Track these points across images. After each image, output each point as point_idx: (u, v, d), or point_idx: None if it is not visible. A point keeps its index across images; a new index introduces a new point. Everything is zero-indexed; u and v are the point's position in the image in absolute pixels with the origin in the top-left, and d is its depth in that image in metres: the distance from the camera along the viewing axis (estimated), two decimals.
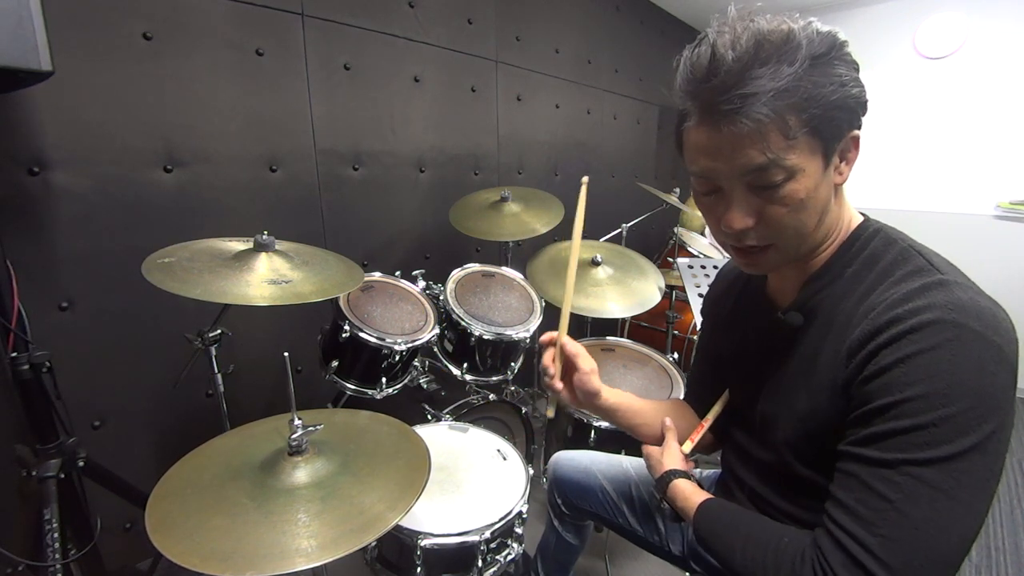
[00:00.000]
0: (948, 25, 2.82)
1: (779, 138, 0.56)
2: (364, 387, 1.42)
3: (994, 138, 2.78)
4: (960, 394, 0.50)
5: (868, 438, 0.55)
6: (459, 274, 1.71)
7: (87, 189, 1.28)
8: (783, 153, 0.57)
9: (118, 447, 1.42)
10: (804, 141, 0.57)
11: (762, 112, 0.54)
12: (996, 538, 1.79)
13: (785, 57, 0.55)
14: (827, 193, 0.62)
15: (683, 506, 0.77)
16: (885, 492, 0.53)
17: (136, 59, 1.30)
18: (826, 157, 0.59)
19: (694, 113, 0.60)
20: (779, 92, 0.54)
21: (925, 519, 0.51)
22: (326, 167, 1.75)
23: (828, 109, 0.56)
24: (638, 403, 0.93)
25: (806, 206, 0.60)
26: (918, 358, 0.52)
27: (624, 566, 1.64)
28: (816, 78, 0.55)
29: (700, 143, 0.61)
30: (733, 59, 0.55)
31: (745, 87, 0.55)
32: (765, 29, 0.56)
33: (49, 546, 0.99)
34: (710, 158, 0.61)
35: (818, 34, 0.56)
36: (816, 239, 0.66)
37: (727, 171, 0.60)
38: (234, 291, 1.00)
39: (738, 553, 0.65)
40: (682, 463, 0.84)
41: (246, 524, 0.73)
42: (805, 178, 0.58)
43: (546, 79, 2.52)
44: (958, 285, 0.55)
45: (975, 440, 0.50)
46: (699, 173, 0.64)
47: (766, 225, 0.62)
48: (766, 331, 0.75)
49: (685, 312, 2.50)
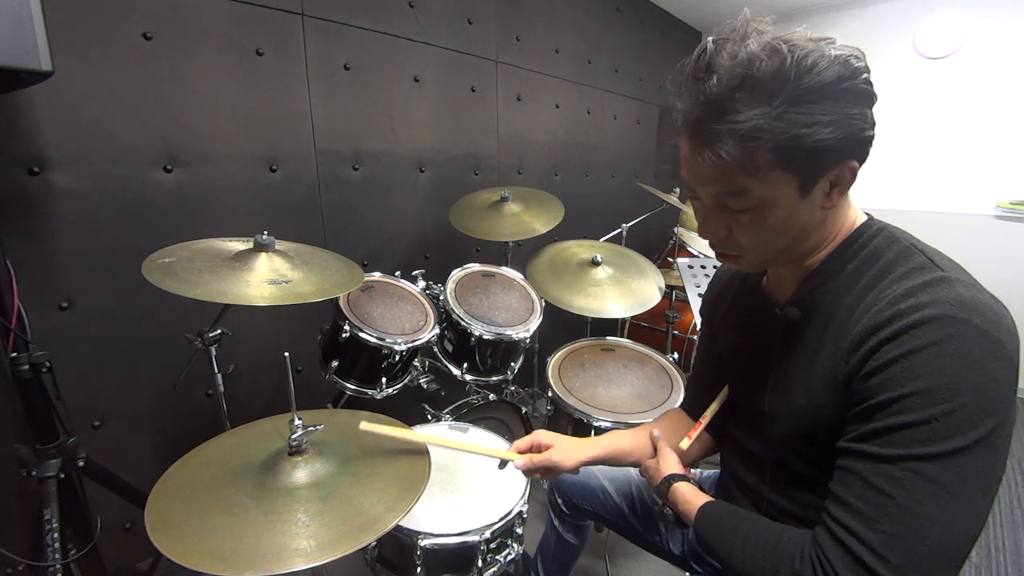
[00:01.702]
0: (948, 25, 2.82)
1: (747, 172, 0.57)
2: (364, 387, 1.42)
3: (994, 138, 2.78)
4: (962, 389, 0.50)
5: (869, 434, 0.55)
6: (459, 274, 1.71)
7: (87, 189, 1.28)
8: (750, 185, 0.58)
9: (118, 447, 1.42)
10: (776, 175, 0.57)
11: (730, 150, 0.56)
12: (996, 538, 1.78)
13: (766, 93, 0.54)
14: (805, 218, 0.62)
15: (684, 509, 0.77)
16: (886, 488, 0.52)
17: (136, 59, 1.30)
18: (805, 188, 0.59)
19: (682, 127, 0.62)
20: (751, 131, 0.54)
21: (926, 515, 0.51)
22: (326, 167, 1.75)
23: (807, 148, 0.55)
24: (627, 442, 0.94)
25: (775, 230, 0.62)
26: (920, 353, 0.52)
27: (624, 566, 1.64)
28: (797, 117, 0.54)
29: (684, 155, 0.64)
30: (716, 84, 0.55)
31: (719, 121, 0.56)
32: (756, 56, 0.54)
33: (49, 546, 0.99)
34: (688, 171, 0.64)
35: (827, 60, 0.53)
36: (799, 251, 0.67)
37: (701, 188, 0.64)
38: (234, 291, 1.00)
39: (738, 553, 0.65)
40: (679, 467, 0.84)
41: (246, 524, 0.73)
42: (776, 207, 0.60)
43: (546, 79, 2.52)
44: (960, 282, 0.55)
45: (977, 436, 0.50)
46: (682, 180, 0.67)
47: (735, 239, 0.65)
48: (765, 327, 0.75)
49: (685, 312, 2.50)
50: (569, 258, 1.88)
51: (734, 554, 0.66)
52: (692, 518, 0.74)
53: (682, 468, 0.84)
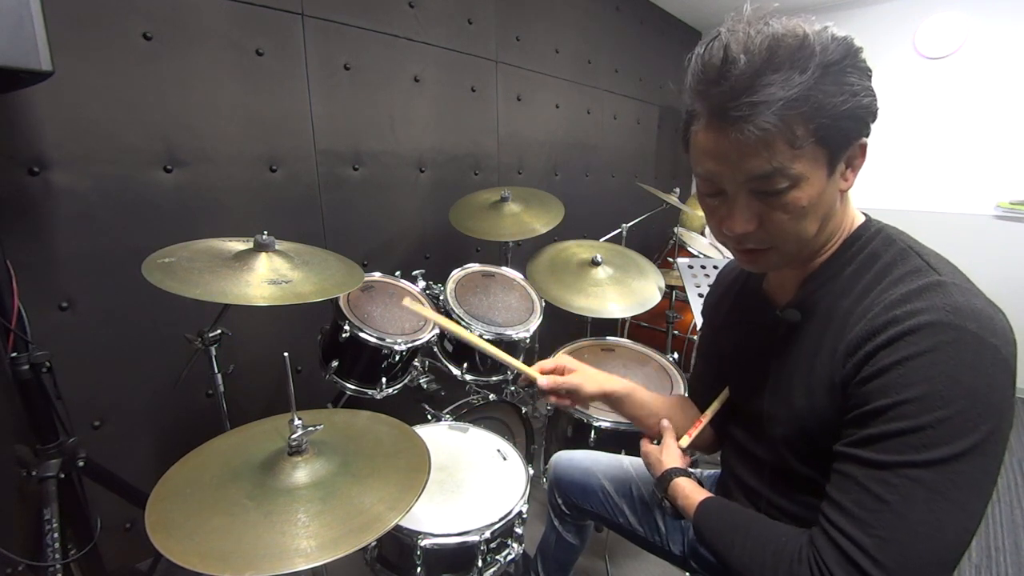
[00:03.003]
0: (948, 25, 2.82)
1: (785, 147, 0.56)
2: (364, 387, 1.42)
3: (994, 138, 2.78)
4: (957, 396, 0.51)
5: (865, 439, 0.55)
6: (459, 274, 1.71)
7: (87, 189, 1.28)
8: (788, 162, 0.56)
9: (118, 447, 1.42)
10: (810, 150, 0.56)
11: (770, 121, 0.54)
12: (996, 538, 1.78)
13: (798, 64, 0.54)
14: (831, 199, 0.62)
15: (684, 504, 0.77)
16: (881, 493, 0.53)
17: (136, 59, 1.30)
18: (831, 165, 0.59)
19: (703, 115, 0.60)
20: (789, 101, 0.54)
21: (921, 520, 0.51)
22: (326, 167, 1.75)
23: (837, 119, 0.55)
24: (647, 397, 0.95)
25: (808, 213, 0.60)
26: (916, 360, 0.52)
27: (624, 566, 1.64)
28: (827, 87, 0.54)
29: (707, 146, 0.61)
30: (745, 63, 0.54)
31: (755, 94, 0.54)
32: (780, 32, 0.55)
33: (49, 546, 0.99)
34: (715, 162, 0.61)
35: (833, 40, 0.55)
36: (818, 243, 0.66)
37: (731, 176, 0.60)
38: (234, 291, 1.00)
39: (736, 550, 0.66)
40: (680, 460, 0.84)
41: (246, 524, 0.73)
42: (809, 186, 0.58)
43: (546, 79, 2.52)
44: (956, 287, 0.55)
45: (972, 442, 0.50)
46: (704, 175, 0.64)
47: (767, 230, 0.62)
48: (765, 329, 0.75)
49: (685, 312, 2.50)
50: (569, 258, 1.88)
51: (732, 551, 0.66)
52: (691, 513, 0.75)
53: (683, 461, 0.84)
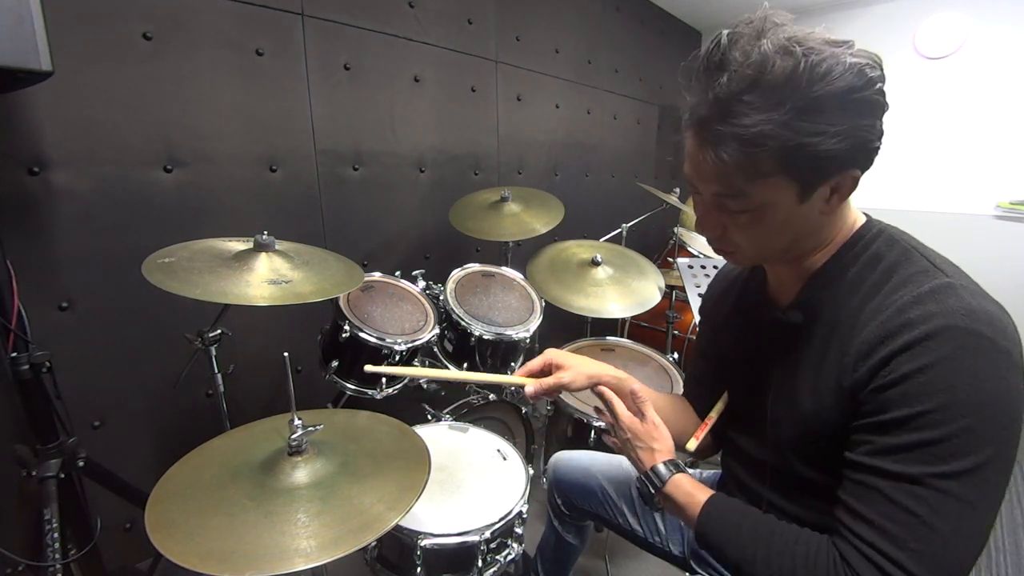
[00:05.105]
0: (948, 25, 2.82)
1: (748, 177, 0.57)
2: (364, 387, 1.42)
3: (994, 138, 2.78)
4: (980, 403, 0.51)
5: (887, 449, 0.54)
6: (459, 274, 1.71)
7: (87, 189, 1.28)
8: (749, 188, 0.58)
9: (118, 447, 1.42)
10: (777, 180, 0.57)
11: (733, 154, 0.55)
12: (996, 538, 1.78)
13: (775, 98, 0.52)
14: (802, 223, 0.62)
15: (686, 502, 0.72)
16: (911, 506, 0.52)
17: (136, 59, 1.30)
18: (804, 193, 0.58)
19: (688, 120, 0.61)
20: (755, 137, 0.54)
21: (953, 531, 0.51)
22: (326, 167, 1.75)
23: (809, 158, 0.54)
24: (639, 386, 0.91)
25: (771, 233, 0.62)
26: (936, 368, 0.52)
27: (624, 566, 1.64)
28: (804, 125, 0.52)
29: (688, 150, 0.63)
30: (725, 84, 0.54)
31: (724, 122, 0.55)
32: (769, 57, 0.52)
33: (49, 546, 0.99)
34: (691, 167, 0.64)
35: (836, 72, 0.51)
36: (796, 252, 0.67)
37: (701, 184, 0.63)
38: (234, 291, 1.00)
39: (760, 564, 0.63)
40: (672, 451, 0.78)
41: (246, 524, 0.73)
42: (773, 211, 0.60)
43: (546, 79, 2.52)
44: (966, 288, 0.55)
45: (995, 449, 0.51)
46: (685, 175, 0.66)
47: (729, 238, 0.65)
48: (767, 330, 0.75)
49: (685, 312, 2.50)
50: (569, 258, 1.88)
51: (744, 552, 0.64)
52: (694, 513, 0.70)
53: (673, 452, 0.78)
